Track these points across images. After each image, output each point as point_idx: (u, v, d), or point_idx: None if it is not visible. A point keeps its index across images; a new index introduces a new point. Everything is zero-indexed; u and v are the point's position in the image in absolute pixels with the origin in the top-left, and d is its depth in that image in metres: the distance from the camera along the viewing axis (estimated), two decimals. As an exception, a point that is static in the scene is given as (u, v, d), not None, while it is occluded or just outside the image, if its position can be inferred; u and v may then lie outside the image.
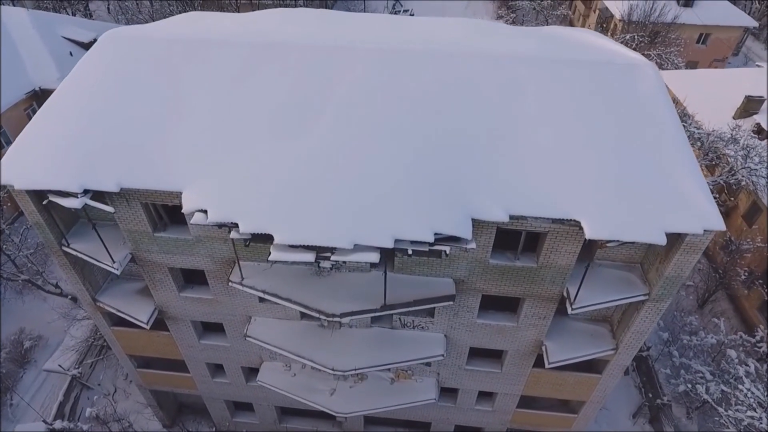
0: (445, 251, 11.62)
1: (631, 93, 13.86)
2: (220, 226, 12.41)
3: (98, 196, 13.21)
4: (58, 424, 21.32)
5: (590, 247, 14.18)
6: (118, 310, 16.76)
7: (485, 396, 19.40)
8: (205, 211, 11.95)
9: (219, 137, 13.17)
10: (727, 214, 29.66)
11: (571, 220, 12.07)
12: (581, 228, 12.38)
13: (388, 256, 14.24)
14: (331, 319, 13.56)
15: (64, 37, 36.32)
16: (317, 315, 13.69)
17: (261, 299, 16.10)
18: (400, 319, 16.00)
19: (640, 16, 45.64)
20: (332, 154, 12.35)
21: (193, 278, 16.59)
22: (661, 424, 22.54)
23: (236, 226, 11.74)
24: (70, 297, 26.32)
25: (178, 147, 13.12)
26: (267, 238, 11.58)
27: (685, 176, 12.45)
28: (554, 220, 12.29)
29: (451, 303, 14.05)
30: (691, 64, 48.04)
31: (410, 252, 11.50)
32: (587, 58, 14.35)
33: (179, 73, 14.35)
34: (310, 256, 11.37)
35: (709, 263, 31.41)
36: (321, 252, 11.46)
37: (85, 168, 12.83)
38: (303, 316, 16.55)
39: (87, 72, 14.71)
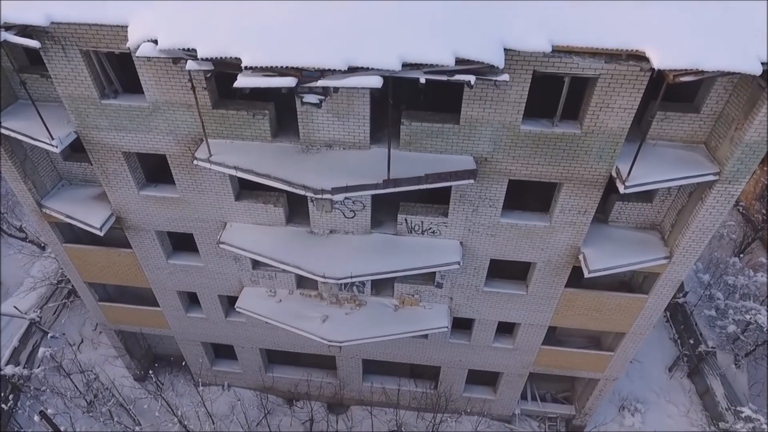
0: (468, 82, 8.77)
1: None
2: (175, 60, 9.65)
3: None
4: (9, 369, 18.47)
5: (642, 122, 11.43)
6: (67, 216, 13.96)
7: (506, 331, 16.55)
8: (156, 42, 9.18)
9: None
10: (763, 160, 26.91)
11: (631, 53, 9.24)
12: (642, 70, 9.67)
13: (393, 133, 11.41)
14: (320, 196, 10.72)
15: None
16: (303, 192, 10.85)
17: (237, 197, 13.30)
18: (406, 220, 13.15)
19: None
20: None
21: (155, 176, 13.79)
22: (703, 375, 19.64)
23: (194, 55, 8.96)
24: (28, 238, 23.52)
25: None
26: (236, 69, 8.79)
27: (778, 1, 9.64)
28: (609, 56, 9.47)
29: (472, 181, 11.22)
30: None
31: (423, 81, 8.67)
32: None
33: None
34: (289, 81, 8.53)
35: (743, 216, 28.77)
36: (305, 78, 8.64)
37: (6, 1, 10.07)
38: (289, 220, 13.73)
39: None
